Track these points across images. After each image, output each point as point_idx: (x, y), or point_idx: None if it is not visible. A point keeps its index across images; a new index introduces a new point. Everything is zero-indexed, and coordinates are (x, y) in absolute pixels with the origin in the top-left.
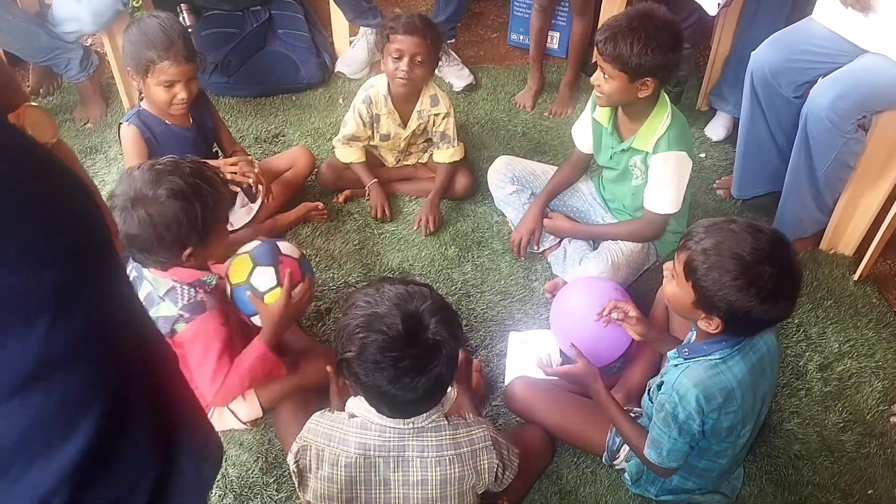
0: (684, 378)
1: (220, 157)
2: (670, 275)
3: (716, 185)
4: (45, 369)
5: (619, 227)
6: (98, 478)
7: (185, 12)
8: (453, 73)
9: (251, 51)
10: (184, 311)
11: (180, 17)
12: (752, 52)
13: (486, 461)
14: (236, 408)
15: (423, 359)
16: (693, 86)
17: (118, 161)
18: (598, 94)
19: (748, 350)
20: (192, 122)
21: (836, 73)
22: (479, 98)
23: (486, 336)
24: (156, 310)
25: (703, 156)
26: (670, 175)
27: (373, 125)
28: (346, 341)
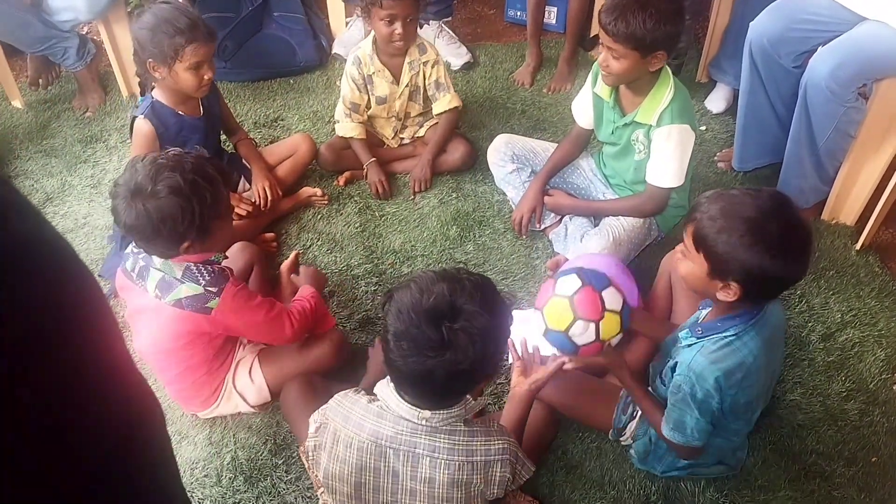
0: (700, 357)
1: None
2: (681, 254)
3: (717, 157)
4: None
5: (621, 203)
6: None
7: None
8: (451, 51)
9: (248, 35)
10: (210, 287)
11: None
12: (751, 23)
13: (499, 474)
14: (245, 392)
15: (446, 345)
16: (692, 58)
17: (118, 150)
18: (606, 74)
19: (762, 325)
20: (202, 111)
21: (835, 41)
22: (477, 76)
23: None
24: (177, 292)
25: (703, 128)
26: (673, 149)
27: (367, 88)
28: (396, 287)
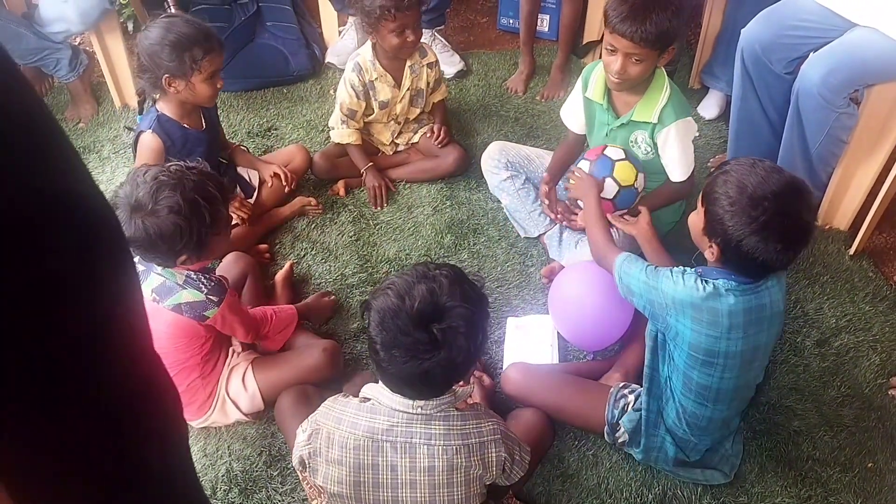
0: (686, 278)
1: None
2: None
3: (710, 163)
4: None
5: (657, 198)
6: None
7: (173, 7)
8: (444, 59)
9: (240, 44)
10: (212, 296)
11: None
12: (743, 29)
13: (494, 454)
14: (238, 399)
15: (439, 345)
16: (685, 64)
17: (111, 160)
18: (621, 80)
19: (750, 294)
20: (204, 124)
21: (826, 47)
22: (470, 84)
23: None
24: (177, 297)
25: (696, 134)
26: (687, 143)
27: (368, 94)
28: (375, 290)
